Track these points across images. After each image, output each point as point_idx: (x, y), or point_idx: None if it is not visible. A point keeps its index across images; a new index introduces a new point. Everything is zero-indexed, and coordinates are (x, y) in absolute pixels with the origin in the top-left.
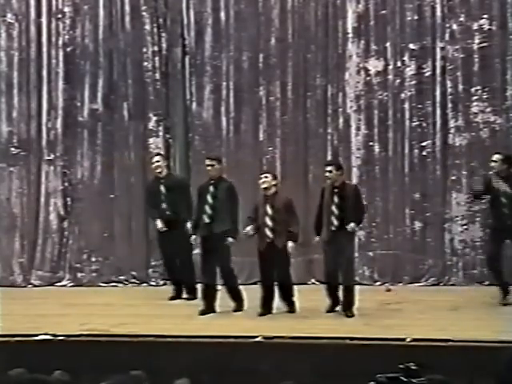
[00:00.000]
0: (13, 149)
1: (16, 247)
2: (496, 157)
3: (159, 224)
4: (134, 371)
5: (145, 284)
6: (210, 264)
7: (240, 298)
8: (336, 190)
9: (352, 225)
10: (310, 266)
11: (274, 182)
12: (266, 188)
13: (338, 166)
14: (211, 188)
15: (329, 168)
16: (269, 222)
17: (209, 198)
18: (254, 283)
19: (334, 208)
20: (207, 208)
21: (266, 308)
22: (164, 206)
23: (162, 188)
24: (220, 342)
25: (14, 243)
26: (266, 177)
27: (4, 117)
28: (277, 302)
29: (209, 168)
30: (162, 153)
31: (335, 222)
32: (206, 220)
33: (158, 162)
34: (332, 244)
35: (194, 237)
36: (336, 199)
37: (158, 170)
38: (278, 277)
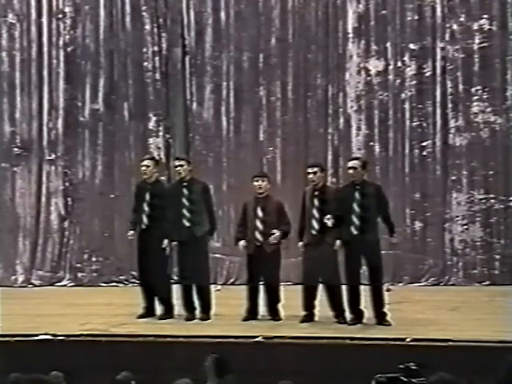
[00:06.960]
0: (15, 149)
1: (19, 247)
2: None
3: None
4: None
5: None
6: (189, 268)
7: (208, 304)
8: (317, 193)
9: (338, 242)
10: None
11: (269, 186)
12: (260, 192)
13: (322, 168)
14: (185, 190)
15: (314, 169)
16: (259, 225)
17: (185, 201)
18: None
19: (314, 211)
20: (185, 211)
21: (252, 313)
22: (147, 213)
23: (147, 195)
24: (220, 341)
25: (18, 243)
26: (263, 180)
27: (6, 117)
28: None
29: (178, 169)
30: (155, 157)
31: (316, 226)
32: (187, 224)
33: (147, 166)
34: (313, 248)
35: (166, 241)
36: (317, 202)
37: (146, 176)
38: (265, 281)
